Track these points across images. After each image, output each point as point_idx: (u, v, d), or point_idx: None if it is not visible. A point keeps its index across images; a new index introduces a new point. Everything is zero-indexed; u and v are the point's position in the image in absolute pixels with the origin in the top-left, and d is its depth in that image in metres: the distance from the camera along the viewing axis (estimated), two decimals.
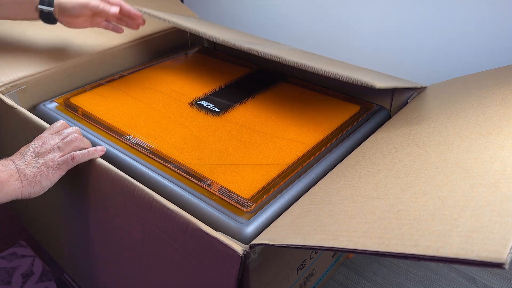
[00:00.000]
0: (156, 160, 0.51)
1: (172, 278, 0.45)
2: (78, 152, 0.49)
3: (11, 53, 0.66)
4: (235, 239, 0.39)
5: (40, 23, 0.65)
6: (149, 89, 0.68)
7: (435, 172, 0.35)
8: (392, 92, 0.67)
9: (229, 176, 0.49)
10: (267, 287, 0.43)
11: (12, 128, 0.62)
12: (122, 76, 0.73)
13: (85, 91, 0.68)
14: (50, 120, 0.59)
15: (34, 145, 0.49)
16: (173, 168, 0.50)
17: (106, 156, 0.52)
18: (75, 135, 0.50)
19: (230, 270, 0.37)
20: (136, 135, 0.56)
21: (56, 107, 0.63)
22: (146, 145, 0.54)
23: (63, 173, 0.49)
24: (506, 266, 0.22)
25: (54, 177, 0.48)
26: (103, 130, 0.57)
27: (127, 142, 0.55)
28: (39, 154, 0.48)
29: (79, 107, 0.63)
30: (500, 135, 0.37)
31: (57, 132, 0.51)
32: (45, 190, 0.48)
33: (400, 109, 0.60)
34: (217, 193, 0.46)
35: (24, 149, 0.49)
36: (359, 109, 0.63)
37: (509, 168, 0.31)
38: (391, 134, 0.50)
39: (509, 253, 0.22)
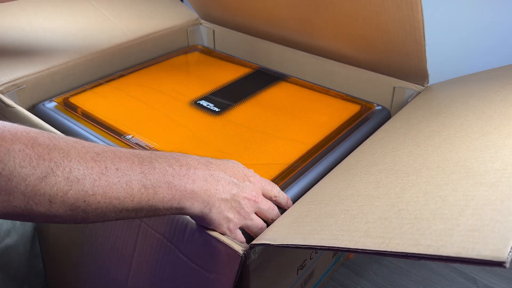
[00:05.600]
0: None
1: (166, 280, 0.45)
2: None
3: (10, 52, 0.66)
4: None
5: (39, 22, 0.65)
6: (149, 89, 0.68)
7: (436, 171, 0.35)
8: (393, 91, 0.67)
9: None
10: (267, 287, 0.43)
11: None
12: (121, 76, 0.73)
13: (84, 90, 0.68)
14: (50, 120, 0.59)
15: (246, 188, 0.40)
16: None
17: None
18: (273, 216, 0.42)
19: (230, 270, 0.37)
20: (136, 135, 0.56)
21: (56, 106, 0.63)
22: (146, 145, 0.54)
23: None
24: (507, 265, 0.22)
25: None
26: (102, 129, 0.57)
27: (126, 142, 0.55)
28: (239, 206, 0.39)
29: (79, 107, 0.63)
30: (501, 134, 0.37)
31: (270, 197, 0.42)
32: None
33: (400, 109, 0.60)
34: None
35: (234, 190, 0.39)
36: (359, 109, 0.63)
37: (509, 167, 0.31)
38: (392, 133, 0.50)
39: (510, 251, 0.22)
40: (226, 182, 0.38)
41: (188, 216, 0.40)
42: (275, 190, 0.43)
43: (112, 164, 0.31)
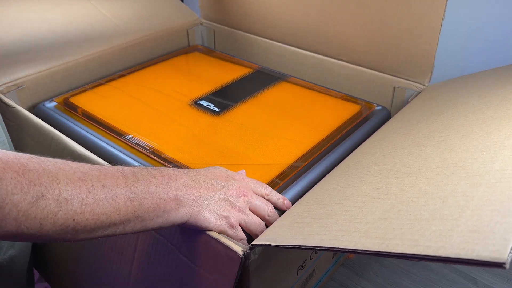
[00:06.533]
0: (156, 160, 0.51)
1: (167, 280, 0.45)
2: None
3: (10, 52, 0.66)
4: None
5: (39, 22, 0.65)
6: (149, 89, 0.68)
7: (436, 172, 0.34)
8: (393, 91, 0.67)
9: None
10: (267, 287, 0.43)
11: (11, 128, 0.62)
12: (122, 76, 0.73)
13: (84, 90, 0.68)
14: (50, 120, 0.59)
15: (232, 186, 0.40)
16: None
17: (106, 156, 0.52)
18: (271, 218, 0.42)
19: (230, 271, 0.37)
20: (136, 135, 0.56)
21: (56, 106, 0.63)
22: (146, 145, 0.54)
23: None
24: (507, 266, 0.22)
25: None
26: (102, 129, 0.57)
27: (127, 142, 0.55)
28: (230, 203, 0.39)
29: (79, 107, 0.63)
30: (501, 135, 0.37)
31: (261, 195, 0.43)
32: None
33: (400, 109, 0.60)
34: None
35: (217, 180, 0.40)
36: (359, 109, 0.63)
37: (509, 167, 0.31)
38: (392, 134, 0.50)
39: (510, 252, 0.22)
40: (210, 184, 0.39)
41: None
42: (265, 189, 0.43)
43: (98, 181, 0.32)
